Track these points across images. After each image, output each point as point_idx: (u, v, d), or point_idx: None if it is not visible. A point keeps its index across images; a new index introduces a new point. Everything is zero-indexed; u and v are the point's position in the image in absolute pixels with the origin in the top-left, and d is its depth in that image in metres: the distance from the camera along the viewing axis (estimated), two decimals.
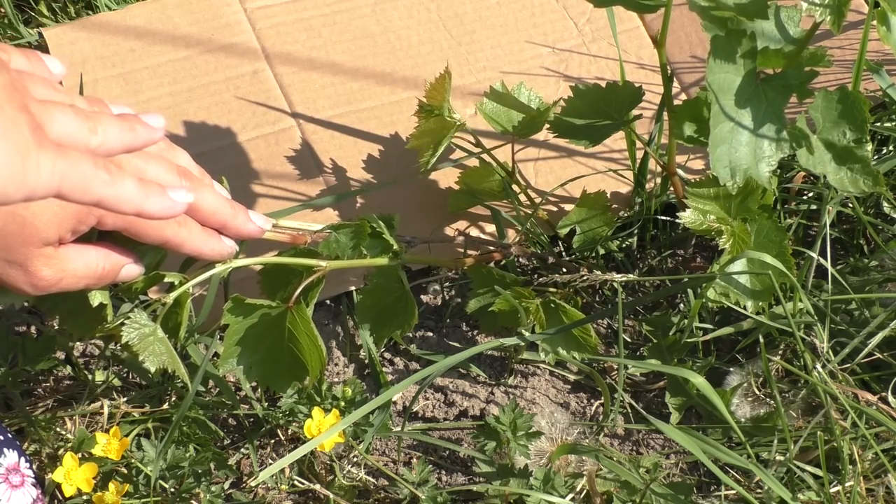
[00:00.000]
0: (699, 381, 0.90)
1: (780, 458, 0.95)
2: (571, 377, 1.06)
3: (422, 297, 1.10)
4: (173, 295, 0.82)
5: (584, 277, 0.97)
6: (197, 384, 0.92)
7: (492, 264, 1.06)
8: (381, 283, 0.98)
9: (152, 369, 0.81)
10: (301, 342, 0.87)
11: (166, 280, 0.82)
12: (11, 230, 0.69)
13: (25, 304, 0.80)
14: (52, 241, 0.72)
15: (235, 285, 0.99)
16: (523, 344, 1.03)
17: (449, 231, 1.11)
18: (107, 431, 0.92)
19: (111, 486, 0.91)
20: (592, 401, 1.05)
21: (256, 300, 0.87)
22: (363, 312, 1.00)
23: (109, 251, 0.76)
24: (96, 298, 0.80)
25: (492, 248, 1.08)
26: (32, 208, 0.70)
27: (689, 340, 1.03)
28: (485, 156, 1.07)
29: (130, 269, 0.78)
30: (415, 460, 1.01)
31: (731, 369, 1.03)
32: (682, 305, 1.09)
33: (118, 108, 0.75)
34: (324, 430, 0.91)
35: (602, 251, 1.10)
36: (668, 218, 1.10)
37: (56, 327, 1.06)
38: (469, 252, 1.07)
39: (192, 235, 0.79)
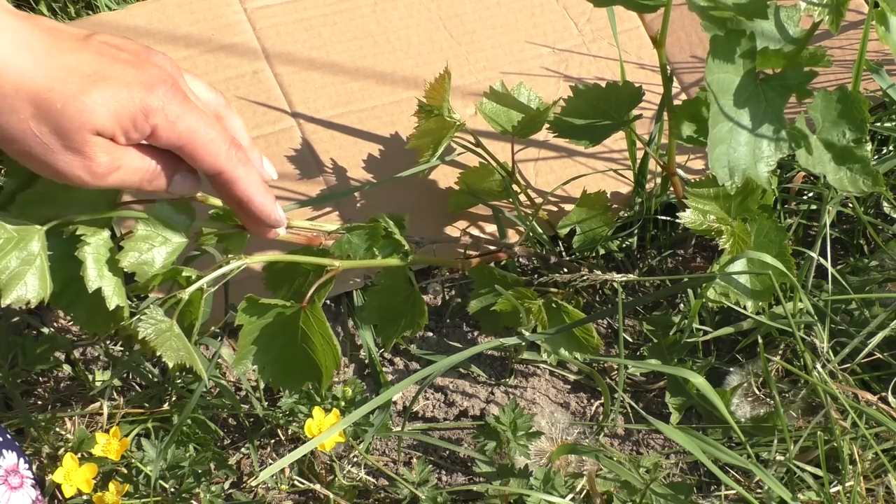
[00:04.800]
0: (699, 381, 0.90)
1: (780, 458, 0.95)
2: (571, 377, 1.06)
3: (422, 297, 1.10)
4: (189, 290, 0.82)
5: (585, 277, 0.97)
6: (204, 383, 0.91)
7: (494, 264, 1.06)
8: (389, 283, 0.98)
9: (170, 364, 0.80)
10: (315, 342, 0.87)
11: (184, 275, 0.82)
12: (71, 113, 0.71)
13: (25, 306, 0.79)
14: (105, 133, 0.73)
15: (235, 284, 0.98)
16: (523, 344, 1.03)
17: (451, 231, 1.11)
18: (107, 431, 0.92)
19: (111, 486, 0.91)
20: (592, 401, 1.05)
21: (271, 300, 0.87)
22: (369, 313, 1.00)
23: (163, 156, 0.77)
24: (113, 301, 0.79)
25: (495, 248, 1.08)
26: (94, 96, 0.71)
27: (689, 340, 1.03)
28: (485, 155, 1.06)
29: (182, 180, 0.78)
30: (415, 460, 1.01)
31: (731, 369, 1.03)
32: (682, 305, 1.09)
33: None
34: (324, 430, 0.91)
35: (602, 251, 1.10)
36: (668, 218, 1.10)
37: (55, 328, 1.06)
38: (471, 253, 1.07)
39: (248, 178, 0.79)
